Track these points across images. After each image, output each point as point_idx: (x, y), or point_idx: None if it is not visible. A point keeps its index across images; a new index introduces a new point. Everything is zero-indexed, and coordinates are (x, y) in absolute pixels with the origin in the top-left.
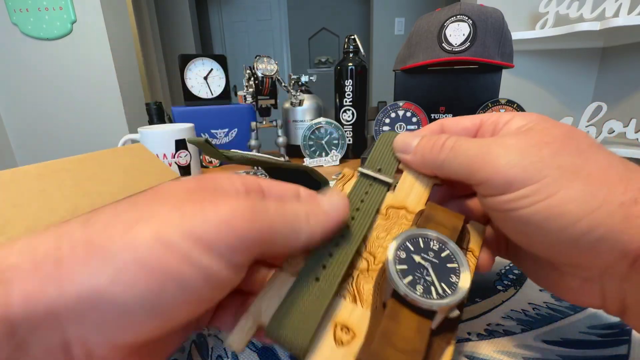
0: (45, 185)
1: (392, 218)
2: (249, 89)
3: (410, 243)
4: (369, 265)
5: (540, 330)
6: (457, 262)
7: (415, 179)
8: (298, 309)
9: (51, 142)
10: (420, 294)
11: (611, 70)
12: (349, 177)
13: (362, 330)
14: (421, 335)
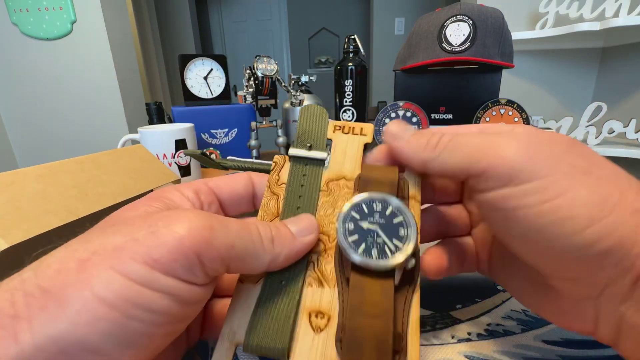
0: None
1: (334, 191)
2: (249, 89)
3: (355, 212)
4: (325, 245)
5: (540, 330)
6: (402, 214)
7: (346, 145)
8: (270, 315)
9: (51, 142)
10: (376, 257)
11: (611, 70)
12: (282, 164)
13: (335, 309)
14: (387, 295)
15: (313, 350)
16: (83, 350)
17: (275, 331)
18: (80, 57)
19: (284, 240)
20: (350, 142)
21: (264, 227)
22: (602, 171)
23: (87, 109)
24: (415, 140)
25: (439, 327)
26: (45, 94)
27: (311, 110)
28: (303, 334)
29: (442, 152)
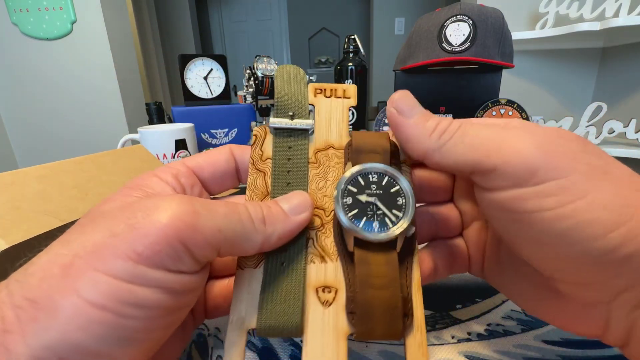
0: (45, 186)
1: (324, 162)
2: (249, 89)
3: (352, 185)
4: (322, 219)
5: (540, 330)
6: (399, 184)
7: (330, 110)
8: (278, 296)
9: (51, 142)
10: (377, 230)
11: (611, 70)
12: (263, 137)
13: (340, 281)
14: (392, 266)
15: (325, 323)
16: (81, 354)
17: (285, 311)
18: (80, 57)
19: (276, 220)
20: (334, 107)
21: (253, 207)
22: (619, 171)
23: (87, 109)
24: (422, 122)
25: (439, 327)
26: (45, 94)
27: (288, 71)
28: (313, 310)
29: (448, 141)
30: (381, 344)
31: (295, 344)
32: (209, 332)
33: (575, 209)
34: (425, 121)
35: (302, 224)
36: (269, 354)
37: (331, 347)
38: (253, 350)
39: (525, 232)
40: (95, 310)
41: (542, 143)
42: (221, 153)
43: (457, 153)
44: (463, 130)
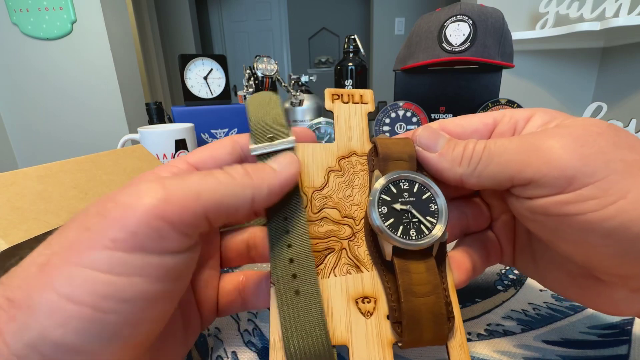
0: (45, 187)
1: (348, 170)
2: (249, 89)
3: (385, 194)
4: (352, 229)
5: (540, 330)
6: (429, 190)
7: (349, 116)
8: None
9: (51, 142)
10: (415, 238)
11: (611, 70)
12: None
13: (379, 290)
14: (432, 272)
15: (369, 334)
16: (63, 352)
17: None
18: (80, 57)
19: (263, 173)
20: (353, 113)
21: (234, 167)
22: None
23: (87, 109)
24: (449, 152)
25: None
26: (45, 94)
27: (259, 98)
28: (355, 322)
29: (478, 164)
30: None
31: None
32: (209, 332)
33: (618, 209)
34: (451, 151)
35: (292, 178)
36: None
37: (377, 357)
38: (253, 350)
39: (568, 234)
40: (73, 306)
41: (573, 147)
42: (224, 146)
43: (491, 173)
44: (489, 151)
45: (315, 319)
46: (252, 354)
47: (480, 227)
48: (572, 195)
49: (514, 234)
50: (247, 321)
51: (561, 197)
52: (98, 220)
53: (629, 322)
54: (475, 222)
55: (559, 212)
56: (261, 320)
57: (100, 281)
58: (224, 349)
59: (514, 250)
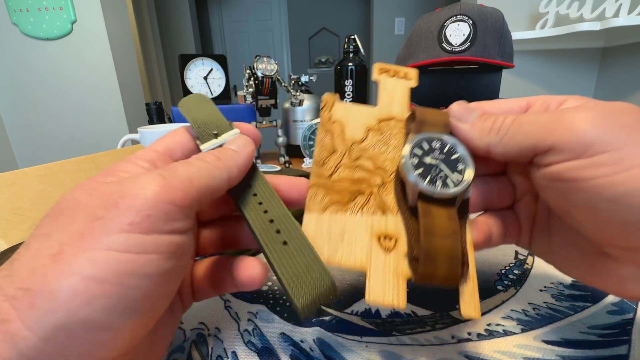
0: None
1: (386, 131)
2: (249, 89)
3: (418, 149)
4: (383, 179)
5: (540, 330)
6: (459, 151)
7: (393, 88)
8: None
9: (51, 142)
10: (441, 188)
11: (611, 70)
12: (332, 103)
13: (400, 233)
14: (452, 219)
15: (386, 266)
16: (89, 329)
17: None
18: (80, 57)
19: (229, 156)
20: (397, 85)
21: (204, 154)
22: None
23: (87, 109)
24: (480, 123)
25: (439, 327)
26: (45, 94)
27: (190, 100)
28: (375, 255)
29: (506, 134)
30: (382, 344)
31: (295, 344)
32: (209, 332)
33: (629, 177)
34: (482, 122)
35: (250, 155)
36: (269, 354)
37: (392, 286)
38: (253, 350)
39: (580, 200)
40: (97, 285)
41: (596, 118)
42: (182, 133)
43: (516, 142)
44: (518, 122)
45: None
46: (252, 354)
47: (502, 205)
48: (587, 160)
49: (534, 214)
50: (247, 321)
51: (577, 162)
52: (109, 209)
53: (629, 322)
54: (498, 199)
55: (573, 176)
56: (261, 320)
57: (121, 260)
58: (224, 349)
59: (532, 230)
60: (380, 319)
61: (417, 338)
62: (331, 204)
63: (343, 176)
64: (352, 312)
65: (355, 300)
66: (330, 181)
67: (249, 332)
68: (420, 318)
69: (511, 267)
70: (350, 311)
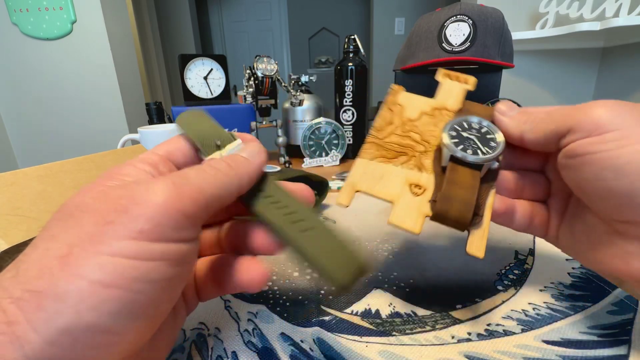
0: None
1: (437, 116)
2: (249, 89)
3: (458, 125)
4: (425, 148)
5: (540, 330)
6: (493, 132)
7: (451, 88)
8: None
9: (51, 142)
10: (471, 155)
11: (611, 70)
12: (397, 90)
13: (430, 186)
14: (474, 178)
15: (412, 203)
16: (95, 333)
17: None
18: (80, 57)
19: (241, 164)
20: (455, 87)
21: (216, 161)
22: None
23: (87, 109)
24: (518, 116)
25: (439, 327)
26: (45, 94)
27: (187, 117)
28: (404, 194)
29: (536, 125)
30: (382, 344)
31: (295, 344)
32: (209, 332)
33: (631, 151)
34: (520, 115)
35: (260, 165)
36: (269, 354)
37: (413, 216)
38: (253, 350)
39: (589, 172)
40: (105, 290)
41: (609, 106)
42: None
43: (543, 127)
44: (547, 112)
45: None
46: (252, 354)
47: (534, 197)
48: (597, 138)
49: (564, 209)
50: (247, 321)
51: (589, 139)
52: (120, 214)
53: (629, 322)
54: (532, 190)
55: (584, 151)
56: (261, 320)
57: (129, 266)
58: (224, 349)
59: (560, 224)
60: (380, 319)
61: (417, 338)
62: (379, 156)
63: (393, 140)
64: (352, 312)
65: (355, 300)
66: (382, 141)
67: (249, 332)
68: (420, 318)
69: (511, 267)
70: (350, 311)
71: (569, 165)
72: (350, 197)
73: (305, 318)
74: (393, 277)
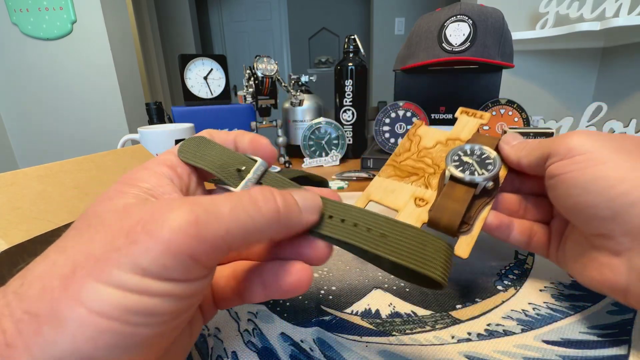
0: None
1: (450, 145)
2: (249, 89)
3: (461, 151)
4: (435, 171)
5: (540, 330)
6: (493, 159)
7: (467, 122)
8: None
9: (51, 142)
10: (467, 175)
11: (611, 70)
12: (419, 125)
13: (432, 200)
14: (467, 194)
15: (412, 213)
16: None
17: None
18: (80, 57)
19: (291, 213)
20: (470, 122)
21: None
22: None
23: (87, 109)
24: (518, 145)
25: (439, 327)
26: (45, 94)
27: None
28: (409, 205)
29: (529, 151)
30: (382, 344)
31: (295, 344)
32: (209, 332)
33: (595, 169)
34: (520, 145)
35: (313, 224)
36: (269, 354)
37: (411, 222)
38: (253, 350)
39: (562, 189)
40: (104, 321)
41: (583, 135)
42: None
43: (534, 154)
44: (540, 141)
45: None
46: (252, 354)
47: (535, 217)
48: (568, 160)
49: (564, 230)
50: (247, 321)
51: (562, 162)
52: (128, 243)
53: (629, 322)
54: (534, 211)
55: (558, 172)
56: (261, 320)
57: (130, 299)
58: (224, 349)
59: (559, 244)
60: (380, 319)
61: (417, 338)
62: (394, 175)
63: (408, 164)
64: (352, 312)
65: (355, 300)
66: (399, 164)
67: (249, 332)
68: (420, 318)
69: (511, 267)
70: (350, 311)
71: (549, 185)
72: (364, 204)
73: (305, 318)
74: (393, 277)
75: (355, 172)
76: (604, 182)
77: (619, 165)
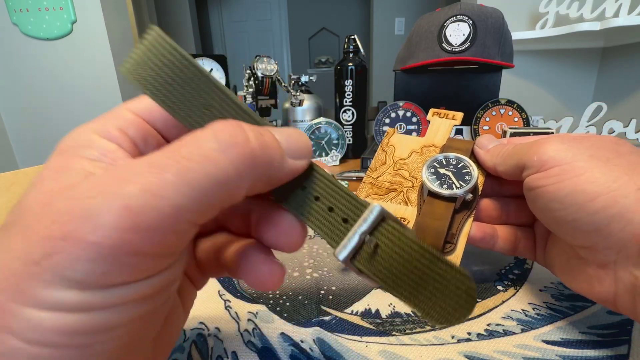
0: None
1: (425, 153)
2: (249, 89)
3: (436, 163)
4: (413, 184)
5: (540, 330)
6: (469, 168)
7: (439, 125)
8: None
9: (51, 142)
10: (445, 189)
11: (611, 70)
12: (391, 134)
13: (413, 217)
14: (447, 210)
15: None
16: None
17: None
18: (80, 57)
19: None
20: (443, 124)
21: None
22: (623, 161)
23: (87, 109)
24: (493, 150)
25: (439, 327)
26: (46, 94)
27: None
28: None
29: (504, 157)
30: (382, 344)
31: (295, 344)
32: (209, 332)
33: (571, 183)
34: (494, 148)
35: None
36: (269, 354)
37: None
38: (253, 350)
39: (541, 203)
40: (43, 349)
41: (556, 144)
42: None
43: (509, 162)
44: (512, 148)
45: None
46: (252, 354)
47: (519, 221)
48: (543, 173)
49: (548, 233)
50: (247, 321)
51: (537, 174)
52: (48, 254)
53: (629, 322)
54: (515, 215)
55: (534, 185)
56: (261, 320)
57: (70, 320)
58: (224, 349)
59: (545, 246)
60: (380, 319)
61: (417, 338)
62: (372, 193)
63: (385, 179)
64: (352, 312)
65: (355, 300)
66: (376, 180)
67: (249, 332)
68: (420, 318)
69: (511, 267)
70: (350, 311)
71: (528, 197)
72: None
73: (305, 318)
74: None
75: (355, 172)
76: (583, 196)
77: (596, 177)
